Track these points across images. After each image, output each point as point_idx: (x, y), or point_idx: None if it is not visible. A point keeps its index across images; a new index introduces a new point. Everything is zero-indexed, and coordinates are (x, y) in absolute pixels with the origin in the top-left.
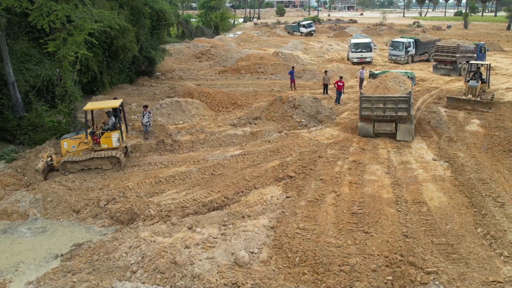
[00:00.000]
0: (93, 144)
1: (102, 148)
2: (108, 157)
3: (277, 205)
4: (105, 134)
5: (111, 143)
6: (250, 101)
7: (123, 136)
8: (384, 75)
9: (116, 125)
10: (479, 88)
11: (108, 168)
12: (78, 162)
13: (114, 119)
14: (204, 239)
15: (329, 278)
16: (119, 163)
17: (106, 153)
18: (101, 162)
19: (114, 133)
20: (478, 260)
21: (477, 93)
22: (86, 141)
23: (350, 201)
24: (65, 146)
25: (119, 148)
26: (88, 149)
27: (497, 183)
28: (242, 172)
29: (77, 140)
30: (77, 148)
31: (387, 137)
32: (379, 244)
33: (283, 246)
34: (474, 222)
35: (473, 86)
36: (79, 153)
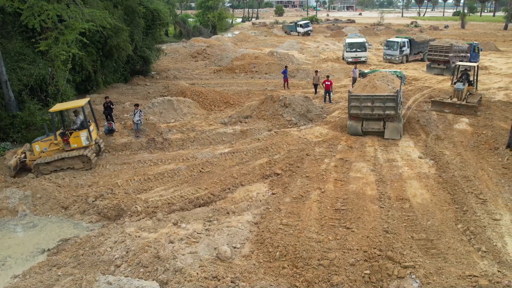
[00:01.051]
0: (63, 145)
1: (72, 148)
2: (79, 156)
3: (262, 201)
4: (74, 134)
5: (81, 142)
6: (243, 100)
7: (92, 135)
8: (373, 74)
9: (84, 123)
10: (466, 91)
11: (80, 167)
12: (50, 163)
13: (81, 118)
14: (189, 234)
15: (308, 272)
16: (89, 162)
17: (76, 152)
18: (73, 162)
19: (83, 132)
20: (456, 255)
21: (463, 96)
22: (56, 142)
23: (334, 197)
24: (37, 149)
25: (89, 147)
26: (59, 150)
27: (481, 181)
28: (230, 169)
29: (47, 142)
30: (48, 149)
31: (375, 136)
32: (359, 239)
33: (265, 241)
34: (455, 218)
35: (459, 89)
36: (51, 154)
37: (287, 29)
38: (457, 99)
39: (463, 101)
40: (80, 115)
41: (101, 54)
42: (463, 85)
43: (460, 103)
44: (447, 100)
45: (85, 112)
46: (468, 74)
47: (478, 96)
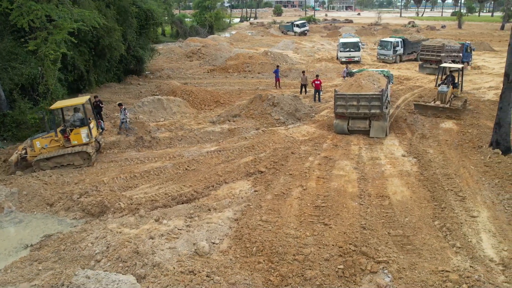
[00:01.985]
0: (64, 141)
1: (72, 145)
2: (79, 153)
3: (243, 198)
4: (74, 131)
5: (81, 139)
6: (233, 99)
7: (92, 132)
8: (359, 74)
9: (84, 120)
10: (450, 94)
11: (80, 163)
12: (50, 159)
13: (80, 115)
14: (169, 230)
15: (282, 267)
16: (89, 158)
17: (76, 148)
18: (73, 158)
19: (83, 129)
20: (431, 251)
21: (446, 99)
22: (57, 138)
23: (315, 195)
24: (37, 145)
25: (89, 144)
26: (60, 147)
27: (461, 178)
28: (215, 167)
29: (48, 138)
30: (49, 146)
31: (361, 134)
32: (336, 235)
33: (243, 237)
34: (433, 215)
35: (443, 92)
36: (51, 150)
37: (284, 29)
38: (440, 102)
39: (446, 104)
40: (80, 112)
41: (93, 54)
42: (447, 88)
43: (444, 106)
44: (431, 103)
45: (85, 109)
46: (454, 76)
47: (462, 99)
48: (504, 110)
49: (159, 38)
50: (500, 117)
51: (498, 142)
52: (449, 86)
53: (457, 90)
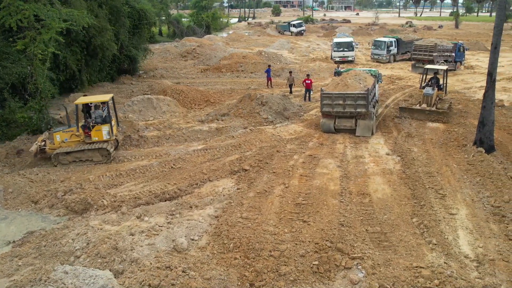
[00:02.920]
0: (84, 137)
1: (93, 141)
2: (99, 149)
3: (225, 196)
4: (96, 127)
5: (102, 136)
6: (224, 99)
7: (113, 129)
8: (346, 73)
9: (107, 118)
10: (435, 96)
11: (99, 160)
12: (69, 153)
13: (101, 112)
14: (150, 227)
15: (258, 263)
16: (109, 155)
17: (97, 145)
18: (92, 154)
19: (105, 126)
20: (407, 248)
21: (432, 102)
22: (78, 133)
23: (297, 192)
24: (57, 139)
25: (109, 141)
26: (80, 142)
27: (443, 176)
28: (201, 165)
29: (69, 133)
30: (69, 140)
31: (347, 133)
32: (314, 232)
33: (221, 234)
34: (411, 213)
35: (428, 94)
36: (71, 145)
37: (281, 29)
38: (426, 105)
39: (433, 107)
40: (100, 109)
41: (85, 53)
42: (433, 90)
43: (430, 109)
44: (416, 106)
45: (109, 107)
46: (438, 78)
47: (448, 101)
48: (487, 109)
49: (155, 38)
50: (484, 116)
51: (482, 140)
52: (434, 88)
53: (442, 92)
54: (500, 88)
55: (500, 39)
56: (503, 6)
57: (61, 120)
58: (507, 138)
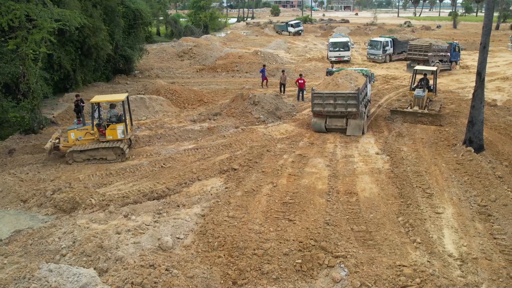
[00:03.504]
0: (99, 136)
1: (107, 140)
2: (113, 148)
3: (213, 195)
4: (111, 126)
5: (116, 135)
6: (217, 98)
7: (128, 129)
8: (337, 73)
9: (121, 117)
10: (426, 98)
11: (113, 158)
12: (84, 151)
13: (116, 111)
14: (137, 226)
15: (241, 261)
16: (123, 154)
17: (111, 144)
18: (106, 153)
19: (119, 126)
20: (391, 246)
21: (424, 104)
22: (93, 132)
23: (285, 191)
24: (72, 136)
25: (123, 140)
26: (94, 140)
27: (431, 175)
28: (191, 165)
29: (83, 131)
30: (83, 138)
31: (338, 132)
32: (299, 230)
33: (207, 232)
34: (398, 212)
35: (419, 96)
36: (85, 143)
37: (278, 29)
38: (418, 108)
39: (424, 110)
40: (116, 108)
41: (80, 53)
42: (423, 92)
43: (422, 111)
44: (407, 109)
45: (124, 106)
46: (428, 79)
47: (438, 103)
48: (476, 108)
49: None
50: (473, 115)
51: (471, 140)
52: (424, 90)
53: (432, 93)
54: (494, 87)
55: (489, 38)
56: (491, 6)
57: (54, 120)
58: (497, 138)
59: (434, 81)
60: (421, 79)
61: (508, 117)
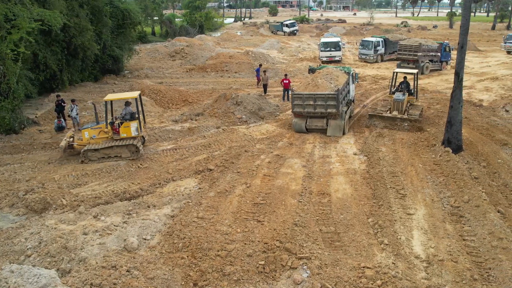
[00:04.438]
0: (112, 134)
1: (121, 137)
2: (127, 146)
3: (184, 195)
4: (124, 124)
5: (130, 132)
6: (203, 98)
7: (141, 126)
8: (317, 72)
9: (135, 115)
10: (406, 102)
11: (127, 156)
12: (98, 150)
13: (131, 109)
14: (105, 226)
15: (204, 262)
16: (137, 151)
17: (125, 141)
18: (120, 151)
19: (133, 123)
20: (357, 248)
21: (403, 108)
22: (106, 130)
23: (258, 192)
24: (86, 135)
25: (137, 137)
26: (108, 138)
27: (407, 176)
28: (168, 165)
29: (97, 129)
30: (97, 137)
31: (319, 133)
32: (266, 232)
33: (173, 233)
34: (369, 213)
35: (399, 100)
36: (99, 141)
37: (274, 29)
38: (397, 112)
39: (404, 114)
40: (130, 106)
41: (66, 53)
42: (403, 95)
43: (402, 116)
44: (386, 113)
45: (137, 104)
46: (408, 82)
47: (419, 107)
48: (455, 108)
49: (148, 37)
50: (451, 115)
51: (450, 140)
52: (404, 93)
53: (413, 97)
54: (483, 87)
55: (467, 38)
56: (468, 5)
57: (36, 120)
58: (478, 138)
59: (415, 84)
60: (401, 82)
61: (492, 118)
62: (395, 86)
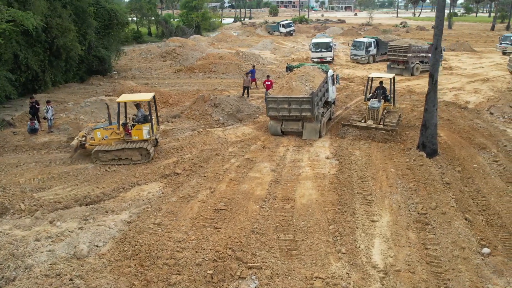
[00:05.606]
0: (124, 135)
1: (133, 139)
2: (138, 149)
3: (145, 201)
4: (136, 126)
5: (142, 135)
6: (184, 100)
7: (154, 129)
8: (292, 73)
9: (148, 117)
10: (382, 110)
11: (138, 159)
12: (109, 151)
13: (143, 112)
14: (59, 232)
15: (151, 271)
16: (148, 155)
17: (137, 144)
18: (132, 153)
19: (145, 126)
20: (313, 256)
21: (379, 116)
22: (118, 132)
23: (221, 197)
24: (98, 135)
25: (149, 140)
26: (120, 140)
27: (376, 181)
28: (135, 169)
29: (109, 130)
30: (109, 137)
31: (294, 136)
32: (220, 239)
33: (125, 240)
34: (331, 219)
35: (374, 108)
36: (111, 143)
37: (270, 29)
38: (372, 121)
39: (380, 123)
40: (142, 108)
41: (49, 54)
42: (379, 103)
43: (377, 126)
44: (361, 122)
45: (150, 106)
46: (384, 88)
47: (396, 114)
48: (429, 111)
49: (144, 38)
50: (426, 119)
51: (424, 144)
52: (380, 100)
53: (390, 104)
54: (472, 89)
55: (441, 39)
56: (442, 6)
57: (12, 122)
58: (456, 142)
59: (392, 89)
60: (377, 87)
61: (475, 120)
62: (370, 92)
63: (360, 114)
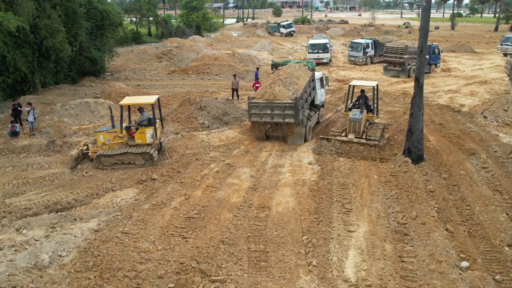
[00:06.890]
0: (128, 139)
1: (136, 143)
2: (142, 153)
3: (115, 208)
4: (140, 130)
5: (145, 139)
6: (172, 102)
7: (157, 133)
8: (275, 74)
9: (152, 121)
10: (364, 121)
11: (141, 163)
12: (112, 156)
13: (148, 115)
14: (24, 241)
15: (110, 284)
16: (151, 159)
17: (139, 149)
18: (135, 157)
19: (149, 129)
20: (283, 269)
21: (361, 129)
22: (121, 135)
23: (195, 205)
24: (101, 139)
25: (153, 144)
26: (123, 144)
27: (358, 188)
28: (113, 174)
29: (112, 134)
30: (112, 141)
31: (279, 140)
32: (187, 250)
33: (89, 250)
34: (306, 229)
35: (356, 120)
36: (114, 146)
37: (271, 30)
38: (354, 135)
39: (362, 137)
40: (146, 111)
41: (38, 55)
42: (361, 114)
43: (359, 140)
44: (341, 136)
45: (154, 109)
46: (367, 97)
47: (380, 125)
48: (415, 116)
49: (143, 38)
50: (412, 123)
51: (410, 150)
52: (362, 111)
53: (373, 115)
54: (468, 92)
55: (426, 41)
56: (427, 7)
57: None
58: (446, 147)
59: (375, 98)
60: (358, 96)
61: (468, 124)
62: (352, 101)
63: (340, 126)
